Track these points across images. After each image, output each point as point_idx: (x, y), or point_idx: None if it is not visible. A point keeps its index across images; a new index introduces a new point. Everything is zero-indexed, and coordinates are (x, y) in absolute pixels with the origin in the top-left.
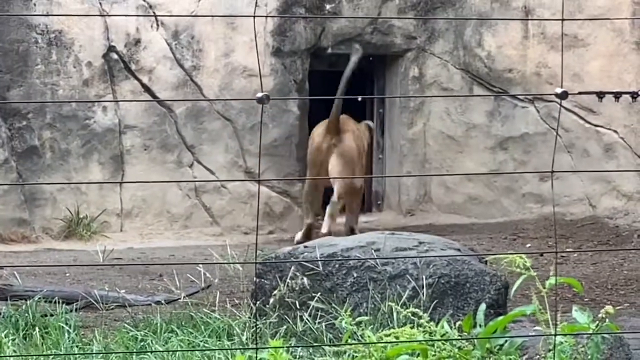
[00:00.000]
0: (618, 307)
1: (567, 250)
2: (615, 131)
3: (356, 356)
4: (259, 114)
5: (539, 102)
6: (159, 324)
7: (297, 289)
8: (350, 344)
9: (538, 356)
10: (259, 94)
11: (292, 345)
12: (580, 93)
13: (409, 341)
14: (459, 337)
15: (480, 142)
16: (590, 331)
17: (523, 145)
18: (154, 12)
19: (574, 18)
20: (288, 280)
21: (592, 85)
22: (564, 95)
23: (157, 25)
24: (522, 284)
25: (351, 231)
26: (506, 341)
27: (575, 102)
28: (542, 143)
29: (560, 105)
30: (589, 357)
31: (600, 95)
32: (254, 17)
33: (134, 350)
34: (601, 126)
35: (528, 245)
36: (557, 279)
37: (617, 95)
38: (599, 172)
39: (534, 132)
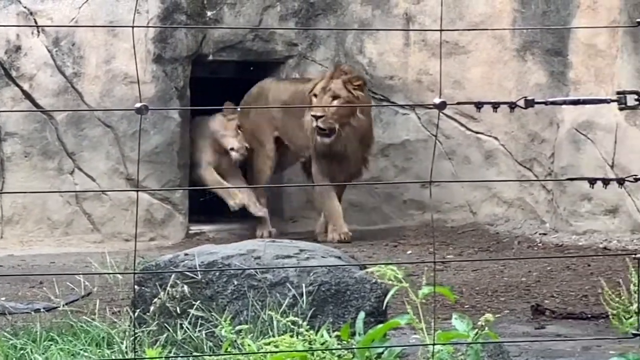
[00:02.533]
0: (498, 314)
1: (446, 259)
2: (495, 138)
3: None
4: (139, 124)
5: (420, 109)
6: (38, 332)
7: (177, 296)
8: (230, 353)
9: None
10: (138, 105)
11: (171, 354)
12: (458, 103)
13: (289, 350)
14: (340, 347)
15: None
16: (470, 339)
17: (404, 152)
18: (34, 19)
19: (453, 29)
20: (168, 288)
21: (473, 93)
22: (442, 106)
23: (38, 31)
24: (403, 290)
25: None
26: (385, 350)
27: (456, 110)
28: (423, 150)
29: (439, 115)
30: None
31: (479, 105)
32: (132, 27)
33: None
34: (482, 133)
35: (409, 252)
36: (430, 288)
37: (495, 106)
38: (479, 179)
39: (415, 138)
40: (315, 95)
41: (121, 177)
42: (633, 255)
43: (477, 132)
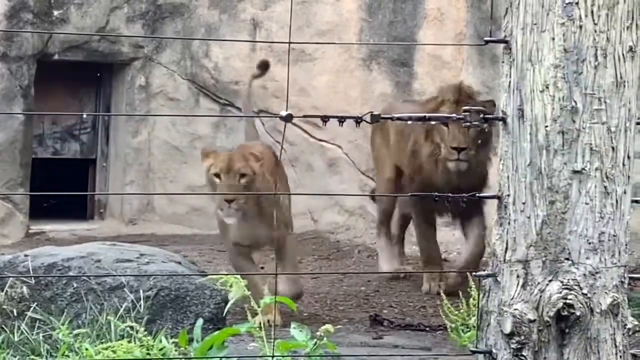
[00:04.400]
0: (337, 323)
1: (287, 273)
2: (339, 146)
3: None
4: None
5: (265, 114)
6: None
7: (16, 297)
8: (67, 358)
9: None
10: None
11: (8, 356)
12: (305, 117)
13: (127, 359)
14: (180, 357)
15: None
16: (308, 348)
17: None
18: None
19: (302, 41)
20: (7, 288)
21: (319, 100)
22: (288, 118)
23: None
24: (244, 297)
25: None
26: (222, 358)
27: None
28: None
29: (285, 126)
30: None
31: (325, 119)
32: None
33: None
34: (325, 141)
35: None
36: (272, 297)
37: (342, 120)
38: (322, 187)
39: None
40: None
41: None
42: (473, 273)
43: (321, 140)
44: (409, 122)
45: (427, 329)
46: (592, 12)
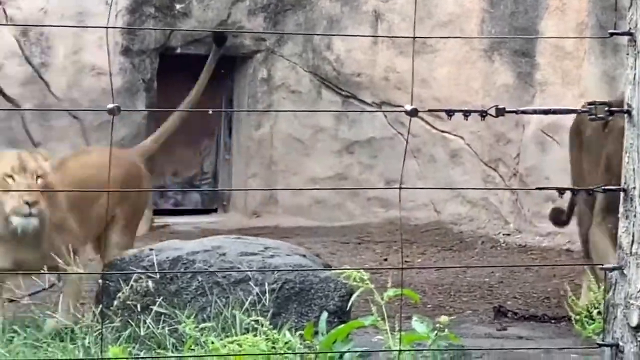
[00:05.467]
0: (461, 315)
1: (414, 267)
2: (461, 137)
3: None
4: (106, 113)
5: (386, 106)
6: (0, 325)
7: (141, 291)
8: (193, 355)
9: None
10: (110, 105)
11: (134, 350)
12: (430, 111)
13: (254, 354)
14: (306, 351)
15: (327, 146)
16: (430, 340)
17: (369, 150)
18: (3, 9)
19: (426, 36)
20: (132, 282)
21: (440, 92)
22: (413, 113)
23: (6, 20)
24: (368, 290)
25: None
26: (347, 351)
27: (422, 108)
28: (389, 148)
29: (410, 121)
30: None
31: (450, 113)
32: (106, 28)
33: None
34: (448, 132)
35: (374, 249)
36: (396, 290)
37: (466, 115)
38: (444, 178)
39: (381, 136)
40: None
41: None
42: (599, 266)
43: (443, 131)
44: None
45: (552, 320)
46: None
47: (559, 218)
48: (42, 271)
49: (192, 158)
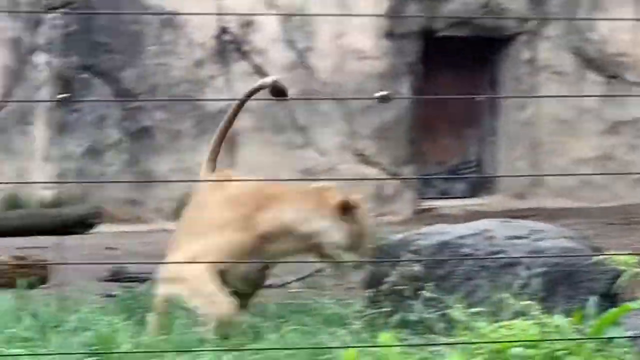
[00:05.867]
0: None
1: None
2: None
3: (469, 348)
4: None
5: None
6: (271, 310)
7: (409, 276)
8: (465, 341)
9: None
10: (380, 93)
11: (404, 336)
12: None
13: (526, 340)
14: (578, 336)
15: (592, 126)
16: None
17: (634, 130)
18: None
19: None
20: (400, 267)
21: None
22: None
23: (270, 6)
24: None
25: None
26: (618, 333)
27: None
28: None
29: None
30: None
31: None
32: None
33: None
34: None
35: None
36: None
37: None
38: None
39: None
40: None
41: (350, 152)
42: None
43: None
44: None
45: None
46: None
47: None
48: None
49: (456, 146)
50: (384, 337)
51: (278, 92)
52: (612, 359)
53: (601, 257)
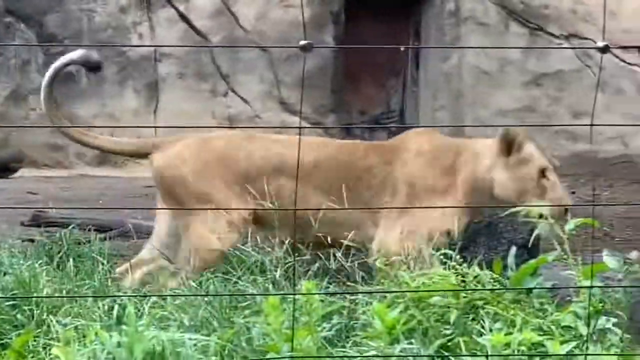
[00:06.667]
0: None
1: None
2: None
3: (389, 297)
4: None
5: (574, 39)
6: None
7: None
8: (383, 289)
9: (569, 298)
10: (302, 42)
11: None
12: (623, 47)
13: (445, 290)
14: (497, 286)
15: (514, 78)
16: (620, 275)
17: (557, 82)
18: None
19: None
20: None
21: (629, 23)
22: (605, 49)
23: None
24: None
25: None
26: (537, 284)
27: (610, 41)
28: (577, 80)
29: (602, 59)
30: (619, 301)
31: None
32: None
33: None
34: (636, 65)
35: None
36: (576, 222)
37: None
38: (632, 111)
39: (569, 69)
40: None
41: (274, 101)
42: None
43: (631, 64)
44: None
45: None
46: None
47: None
48: None
49: (379, 96)
50: (306, 285)
51: (91, 66)
52: (530, 310)
53: (519, 208)
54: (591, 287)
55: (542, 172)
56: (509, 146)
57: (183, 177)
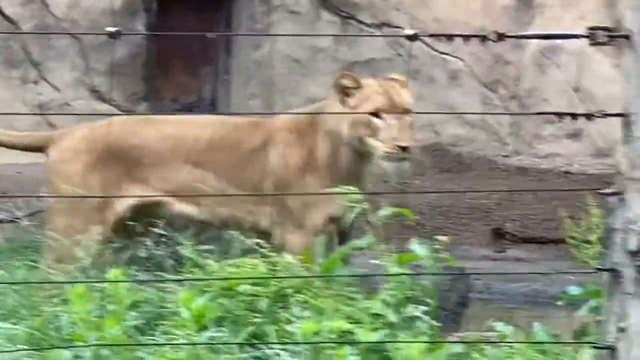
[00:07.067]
0: (460, 237)
1: (412, 191)
2: (461, 59)
3: (198, 285)
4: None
5: (385, 27)
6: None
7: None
8: (194, 277)
9: (376, 286)
10: (110, 29)
11: (133, 272)
12: (431, 35)
13: (254, 277)
14: (307, 274)
15: (326, 66)
16: (429, 262)
17: (368, 70)
18: None
19: None
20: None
21: (440, 13)
22: (413, 38)
23: None
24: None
25: None
26: (347, 271)
27: (421, 29)
28: (389, 69)
29: (411, 45)
30: (428, 289)
31: (450, 37)
32: None
33: None
34: (447, 54)
35: None
36: (390, 210)
37: (466, 39)
38: (443, 100)
39: (381, 57)
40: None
41: (86, 89)
42: (597, 191)
43: (443, 53)
44: None
45: (550, 242)
46: None
47: None
48: None
49: (191, 84)
50: (113, 273)
51: None
52: (339, 297)
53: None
54: (400, 274)
55: (375, 113)
56: (344, 92)
57: (74, 171)
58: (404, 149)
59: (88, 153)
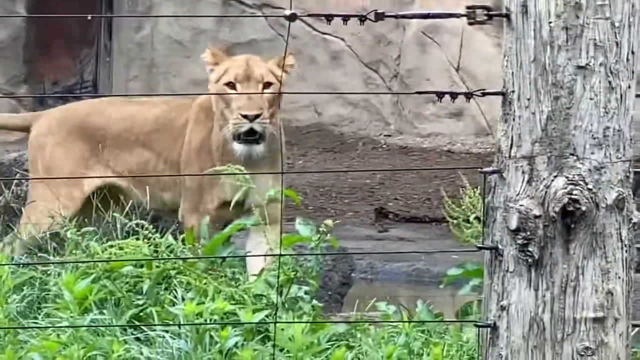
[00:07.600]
0: (342, 217)
1: (295, 171)
2: (342, 39)
3: (81, 267)
4: None
5: (267, 8)
6: None
7: (23, 195)
8: (75, 260)
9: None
10: None
11: (15, 255)
12: (309, 15)
13: (136, 259)
14: (189, 256)
15: (206, 47)
16: (313, 243)
17: (250, 51)
18: None
19: None
20: (13, 187)
21: None
22: (292, 18)
23: None
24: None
25: None
26: (230, 253)
27: (303, 9)
28: (271, 49)
29: (290, 24)
30: (310, 269)
31: (329, 18)
32: None
33: None
34: (328, 34)
35: None
36: (276, 191)
37: (346, 19)
38: (325, 80)
39: (262, 38)
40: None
41: None
42: (478, 169)
43: (324, 33)
44: None
45: (432, 222)
46: None
47: None
48: None
49: (72, 66)
50: None
51: None
52: (221, 278)
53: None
54: (281, 255)
55: (230, 84)
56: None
57: (45, 148)
58: (247, 117)
59: (58, 130)
